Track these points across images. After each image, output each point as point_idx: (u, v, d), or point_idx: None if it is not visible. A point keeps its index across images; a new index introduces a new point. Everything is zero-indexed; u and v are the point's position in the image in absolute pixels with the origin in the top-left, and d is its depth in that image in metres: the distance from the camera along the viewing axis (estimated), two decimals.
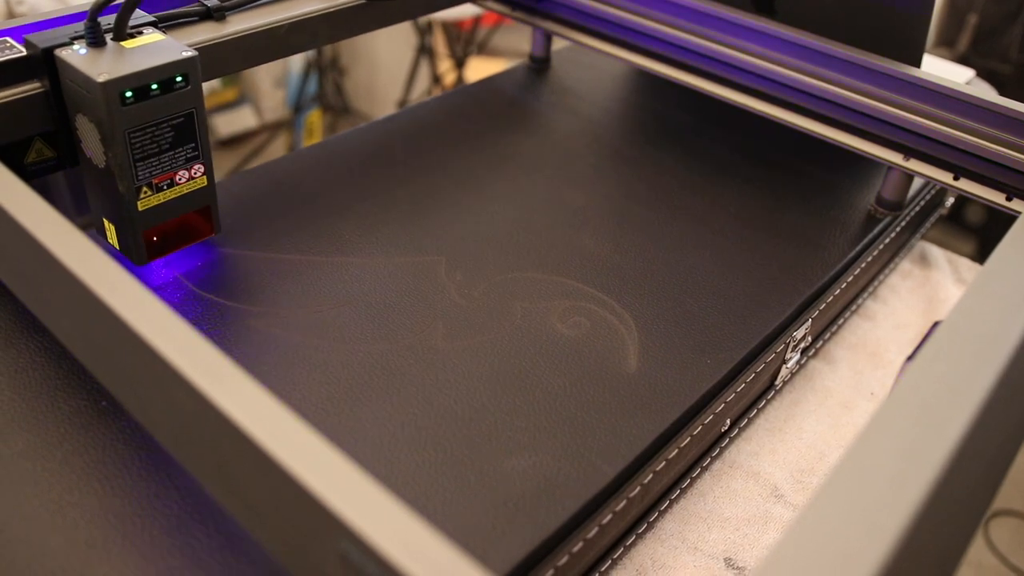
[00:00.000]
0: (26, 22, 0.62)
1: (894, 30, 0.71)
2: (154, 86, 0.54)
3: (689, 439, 0.54)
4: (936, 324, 0.41)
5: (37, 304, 0.48)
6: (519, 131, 0.85)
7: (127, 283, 0.38)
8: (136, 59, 0.53)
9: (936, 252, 0.87)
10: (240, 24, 0.66)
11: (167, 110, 0.55)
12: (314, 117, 2.66)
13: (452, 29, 2.55)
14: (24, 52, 0.56)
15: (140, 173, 0.56)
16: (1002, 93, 0.70)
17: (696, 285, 0.66)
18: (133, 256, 0.59)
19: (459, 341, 0.58)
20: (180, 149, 0.57)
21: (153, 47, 0.55)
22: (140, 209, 0.57)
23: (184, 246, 0.62)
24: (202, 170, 0.60)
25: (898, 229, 0.77)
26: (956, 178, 0.68)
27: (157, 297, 0.38)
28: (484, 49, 2.59)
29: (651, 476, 0.52)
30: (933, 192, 0.84)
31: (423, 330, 0.59)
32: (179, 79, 0.55)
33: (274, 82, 2.61)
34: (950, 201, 0.90)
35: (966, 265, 0.85)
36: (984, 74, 1.90)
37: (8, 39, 0.58)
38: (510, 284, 0.64)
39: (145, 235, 0.58)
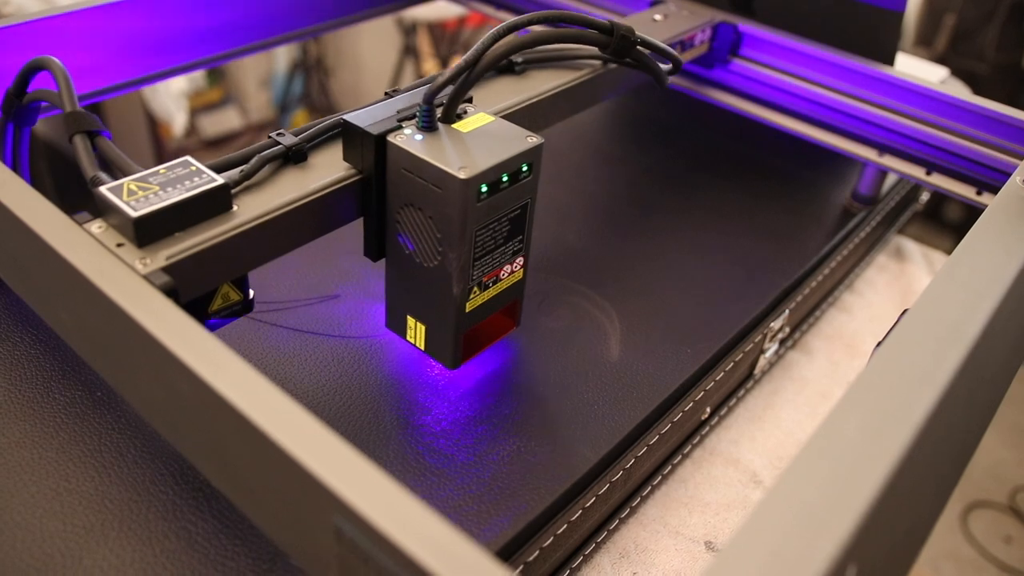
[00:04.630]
0: (15, 22, 0.63)
1: (868, 29, 0.73)
2: (505, 178, 0.47)
3: (670, 426, 0.56)
4: (905, 311, 0.43)
5: (32, 295, 0.49)
6: None
7: (120, 271, 0.39)
8: (486, 148, 0.47)
9: (911, 246, 0.89)
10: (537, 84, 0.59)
11: (511, 203, 0.49)
12: (299, 117, 2.67)
13: (436, 29, 2.56)
14: (219, 180, 0.44)
15: (475, 272, 0.49)
16: (979, 92, 0.72)
17: (676, 278, 0.67)
18: (446, 360, 0.53)
19: None
20: (509, 243, 0.51)
21: (491, 132, 0.49)
22: (467, 311, 0.51)
23: (489, 346, 0.56)
24: (521, 263, 0.53)
25: (873, 223, 0.79)
26: (928, 173, 0.70)
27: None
28: (468, 49, 2.60)
29: (633, 461, 0.53)
30: (907, 188, 0.86)
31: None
32: (525, 168, 0.48)
33: (259, 82, 2.62)
34: (925, 197, 0.92)
35: (940, 259, 0.87)
36: (962, 73, 1.93)
37: (191, 161, 0.45)
38: None
39: (464, 337, 0.52)
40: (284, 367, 0.56)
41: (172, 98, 1.88)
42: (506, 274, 0.52)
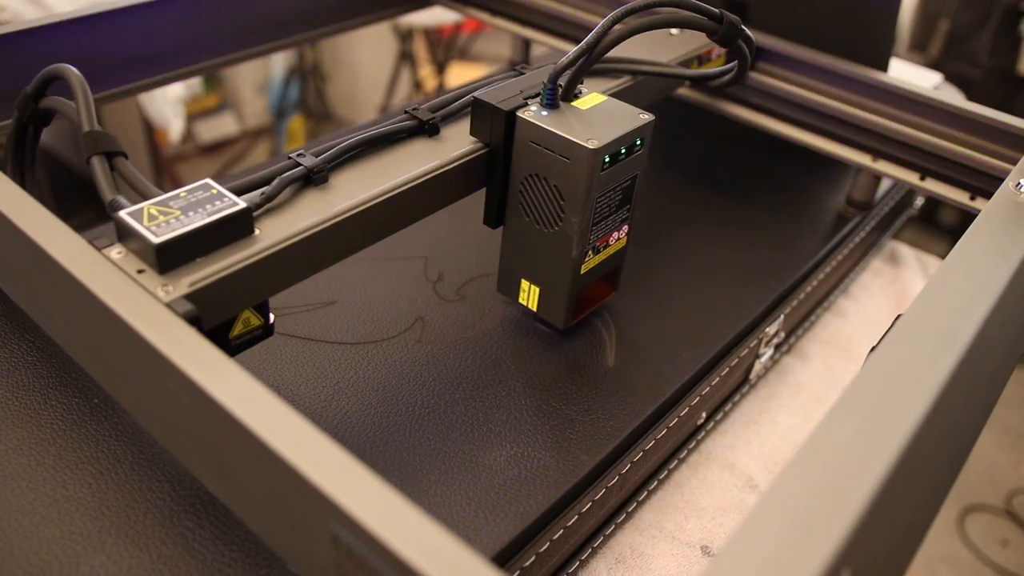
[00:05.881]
0: (13, 29, 0.63)
1: (863, 36, 0.74)
2: (623, 150, 0.52)
3: (665, 431, 0.56)
4: (899, 316, 0.43)
5: (30, 303, 0.49)
6: None
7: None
8: (606, 123, 0.52)
9: (906, 251, 0.89)
10: None
11: (624, 174, 0.54)
12: (296, 123, 2.67)
13: (433, 35, 2.57)
14: (241, 205, 0.43)
15: (593, 237, 0.54)
16: (973, 97, 0.72)
17: (672, 282, 0.68)
18: (558, 319, 0.58)
19: (442, 338, 0.60)
20: (620, 211, 0.56)
21: (607, 109, 0.54)
22: (581, 272, 0.56)
23: (591, 308, 0.61)
24: (626, 230, 0.58)
25: (868, 228, 0.80)
26: (922, 179, 0.70)
27: (149, 293, 0.39)
28: (465, 55, 2.61)
29: (629, 466, 0.53)
30: (902, 193, 0.86)
31: (407, 327, 0.60)
32: (639, 142, 0.53)
33: (256, 88, 2.62)
34: (919, 202, 0.93)
35: (935, 263, 0.87)
36: (955, 78, 1.93)
37: (212, 183, 0.45)
38: (491, 282, 0.65)
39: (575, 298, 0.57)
40: (281, 373, 0.56)
41: (169, 104, 1.88)
42: (614, 240, 0.57)
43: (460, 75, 2.50)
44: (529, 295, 0.58)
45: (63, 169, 1.85)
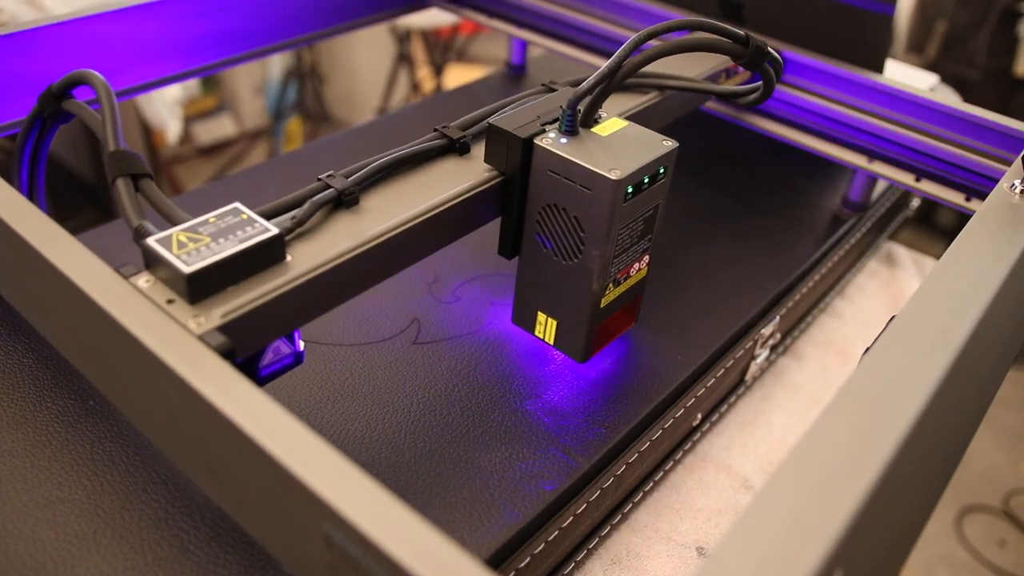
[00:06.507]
0: (12, 30, 0.63)
1: (858, 37, 0.74)
2: (646, 180, 0.50)
3: (661, 432, 0.56)
4: (893, 318, 0.43)
5: (24, 305, 0.49)
6: None
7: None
8: (628, 151, 0.49)
9: (902, 252, 0.89)
10: None
11: (647, 204, 0.51)
12: (294, 125, 2.67)
13: (430, 37, 2.57)
14: (273, 231, 0.42)
15: (614, 269, 0.52)
16: (970, 98, 0.72)
17: (667, 284, 0.68)
18: (577, 353, 0.56)
19: (436, 339, 0.60)
20: (641, 242, 0.53)
21: (628, 135, 0.51)
22: (602, 306, 0.54)
23: (610, 341, 0.59)
24: (647, 260, 0.56)
25: (864, 230, 0.80)
26: (918, 180, 0.70)
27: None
28: (462, 56, 2.61)
29: (624, 468, 0.54)
30: (898, 194, 0.86)
31: (402, 329, 0.60)
32: (662, 171, 0.51)
33: (253, 90, 2.62)
34: (915, 203, 0.93)
35: (931, 264, 0.87)
36: (953, 79, 1.94)
37: (241, 208, 0.43)
38: (486, 284, 0.65)
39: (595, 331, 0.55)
40: None
41: (166, 105, 1.88)
42: (635, 271, 0.55)
43: (458, 76, 2.50)
44: (546, 328, 0.56)
45: (61, 170, 1.85)
